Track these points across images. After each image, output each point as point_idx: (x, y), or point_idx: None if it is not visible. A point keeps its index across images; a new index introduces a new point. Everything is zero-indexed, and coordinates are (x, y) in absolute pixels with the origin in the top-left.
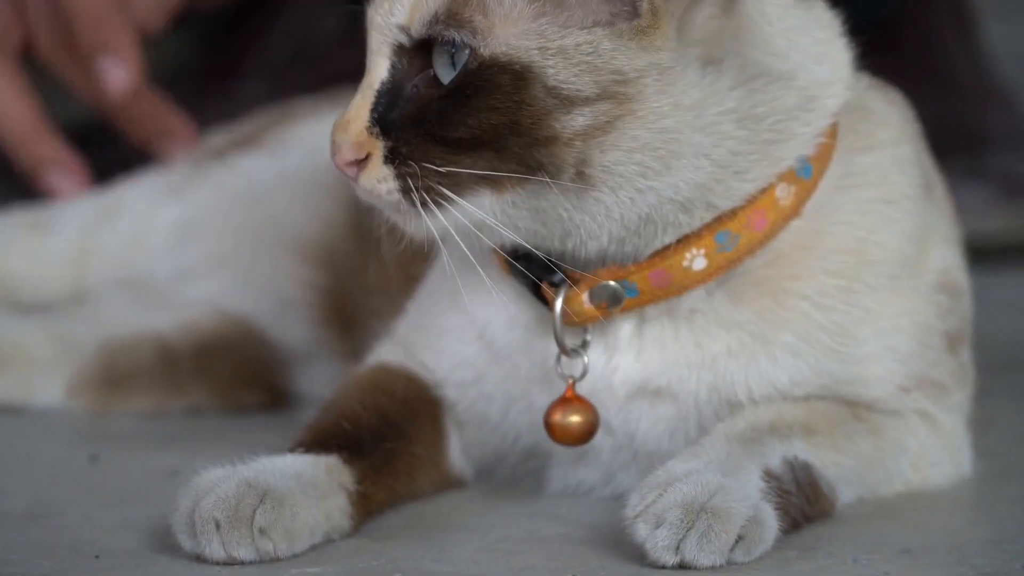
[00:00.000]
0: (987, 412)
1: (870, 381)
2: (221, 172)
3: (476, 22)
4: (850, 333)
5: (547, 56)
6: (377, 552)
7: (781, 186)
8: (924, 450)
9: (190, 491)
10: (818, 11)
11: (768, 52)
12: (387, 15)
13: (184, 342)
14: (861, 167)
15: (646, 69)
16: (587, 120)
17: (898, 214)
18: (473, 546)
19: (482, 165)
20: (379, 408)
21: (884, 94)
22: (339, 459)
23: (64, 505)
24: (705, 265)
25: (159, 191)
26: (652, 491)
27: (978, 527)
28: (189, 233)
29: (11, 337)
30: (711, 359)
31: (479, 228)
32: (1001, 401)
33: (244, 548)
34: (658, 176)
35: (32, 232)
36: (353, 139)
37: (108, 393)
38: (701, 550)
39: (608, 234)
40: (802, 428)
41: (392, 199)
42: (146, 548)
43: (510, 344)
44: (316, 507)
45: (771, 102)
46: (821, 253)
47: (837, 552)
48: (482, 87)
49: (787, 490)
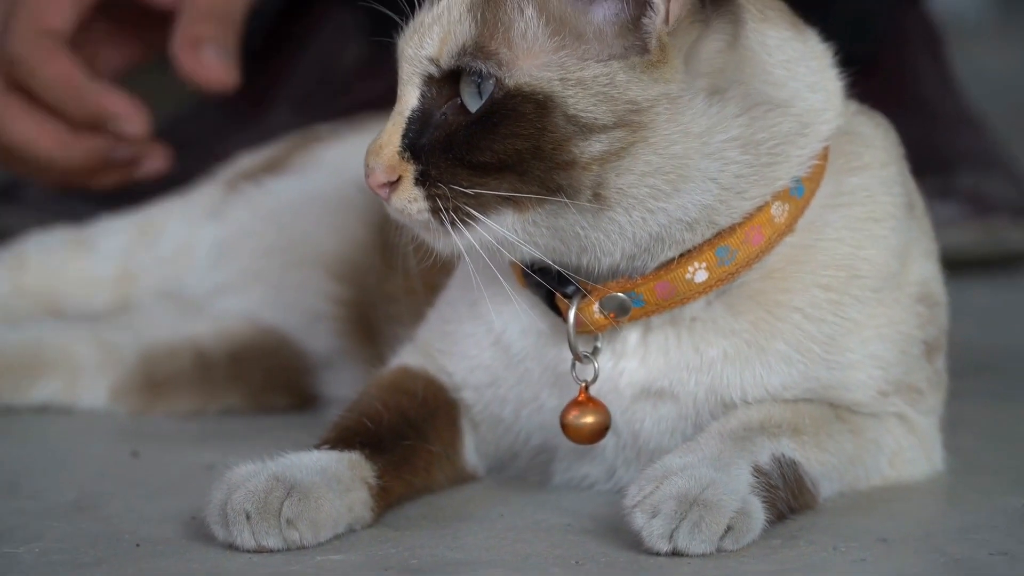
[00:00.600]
0: (957, 412)
1: (853, 386)
2: (254, 194)
3: (502, 54)
4: (838, 343)
5: (567, 87)
6: (396, 541)
7: (776, 204)
8: (900, 449)
9: (223, 485)
10: (812, 43)
11: (768, 82)
12: (417, 47)
13: (219, 350)
14: (850, 187)
15: (657, 99)
16: (603, 146)
17: (884, 231)
18: (483, 535)
19: (506, 187)
20: (400, 408)
21: (871, 119)
22: (361, 455)
23: (108, 498)
24: (706, 278)
25: (196, 213)
26: (649, 483)
27: (949, 517)
28: (225, 252)
29: (60, 344)
30: (709, 364)
31: (502, 244)
32: (970, 401)
33: (272, 537)
34: (668, 198)
35: (76, 250)
36: (386, 162)
37: (149, 396)
38: (692, 539)
39: (621, 251)
40: (790, 428)
41: (422, 218)
42: (183, 537)
43: (524, 350)
44: (339, 500)
45: (770, 128)
46: (813, 268)
47: (818, 540)
48: (507, 115)
49: (774, 485)
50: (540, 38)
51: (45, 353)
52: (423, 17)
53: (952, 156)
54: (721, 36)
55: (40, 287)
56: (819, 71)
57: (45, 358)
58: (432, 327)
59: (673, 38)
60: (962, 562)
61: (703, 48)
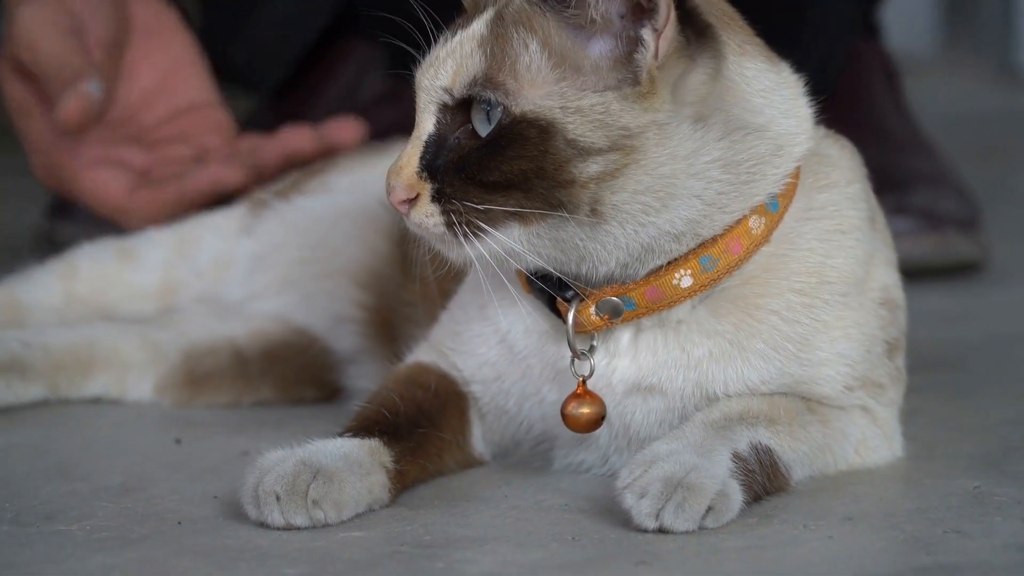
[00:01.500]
0: (915, 404)
1: (823, 381)
2: (285, 211)
3: (508, 85)
4: (810, 342)
5: (567, 114)
6: (410, 519)
7: (754, 218)
8: (865, 438)
9: (255, 469)
10: (785, 74)
11: (747, 109)
12: (433, 79)
13: (254, 348)
14: (819, 202)
15: (647, 126)
16: (599, 167)
17: (850, 242)
18: (489, 514)
19: (512, 203)
20: (415, 400)
21: (836, 142)
22: (380, 442)
23: (152, 481)
24: (691, 283)
25: (229, 229)
26: (639, 467)
27: (908, 499)
28: (260, 264)
29: (110, 343)
30: (696, 362)
31: (509, 254)
32: (925, 394)
33: (300, 516)
34: (658, 213)
35: (122, 261)
36: (405, 182)
37: (190, 390)
38: (677, 518)
39: (616, 260)
40: (766, 419)
41: (438, 231)
42: (220, 516)
43: (527, 348)
44: (360, 482)
45: (749, 150)
46: (787, 274)
47: (790, 520)
48: (514, 139)
49: (751, 469)
50: (543, 71)
51: (97, 351)
52: (438, 52)
53: (907, 176)
54: (704, 69)
55: (90, 295)
56: (792, 99)
57: (97, 356)
58: (444, 328)
59: (662, 72)
60: (919, 539)
61: (689, 80)
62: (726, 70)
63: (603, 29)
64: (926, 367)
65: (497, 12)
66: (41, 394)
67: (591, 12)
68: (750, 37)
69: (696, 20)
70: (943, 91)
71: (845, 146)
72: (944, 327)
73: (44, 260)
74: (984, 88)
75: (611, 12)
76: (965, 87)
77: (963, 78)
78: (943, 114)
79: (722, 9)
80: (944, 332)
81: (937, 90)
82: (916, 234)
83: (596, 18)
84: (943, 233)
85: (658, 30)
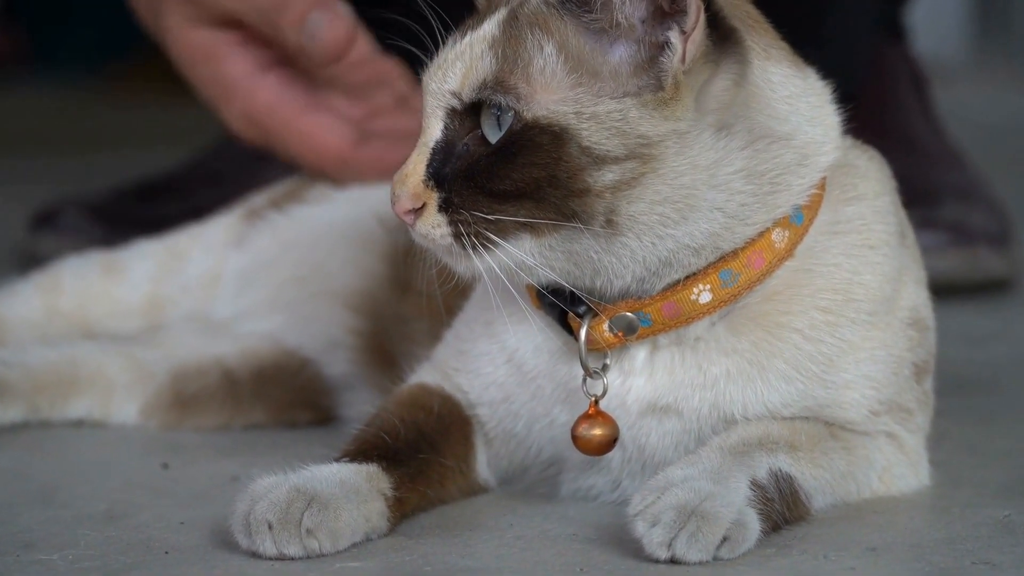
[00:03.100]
0: (940, 428)
1: (847, 405)
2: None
3: (520, 88)
4: (834, 363)
5: (582, 120)
6: (410, 549)
7: (777, 231)
8: (890, 465)
9: (246, 496)
10: (811, 80)
11: (772, 116)
12: (441, 82)
13: (245, 369)
14: (847, 216)
15: (667, 135)
16: (615, 176)
17: (879, 258)
18: (493, 543)
19: (524, 213)
20: (416, 423)
21: (864, 152)
22: (379, 468)
23: (138, 507)
24: (710, 299)
25: (218, 243)
26: (651, 494)
27: (934, 528)
28: (248, 282)
29: (94, 363)
30: (713, 381)
31: (520, 267)
32: (952, 418)
33: (293, 546)
34: (676, 225)
35: (108, 275)
36: (411, 191)
37: (178, 413)
38: (690, 548)
39: (632, 274)
40: (787, 444)
41: (445, 243)
42: (209, 545)
43: (537, 368)
44: (357, 510)
45: (773, 159)
46: (812, 291)
47: (810, 550)
48: (525, 145)
49: (770, 498)
50: (558, 75)
51: (80, 371)
52: (446, 54)
53: (935, 189)
54: (729, 75)
55: (73, 310)
56: (818, 106)
57: (80, 376)
58: (449, 347)
59: (687, 77)
60: (947, 571)
61: (712, 86)
62: (751, 75)
63: (626, 33)
64: (953, 389)
65: (511, 12)
66: (21, 416)
67: (616, 15)
68: (775, 41)
69: (721, 23)
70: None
71: (873, 156)
72: (972, 347)
73: (26, 275)
74: (1016, 96)
75: (635, 16)
76: (996, 94)
77: (994, 85)
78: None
79: (747, 11)
80: (972, 352)
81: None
82: (944, 249)
83: (621, 21)
84: (972, 248)
85: (686, 32)
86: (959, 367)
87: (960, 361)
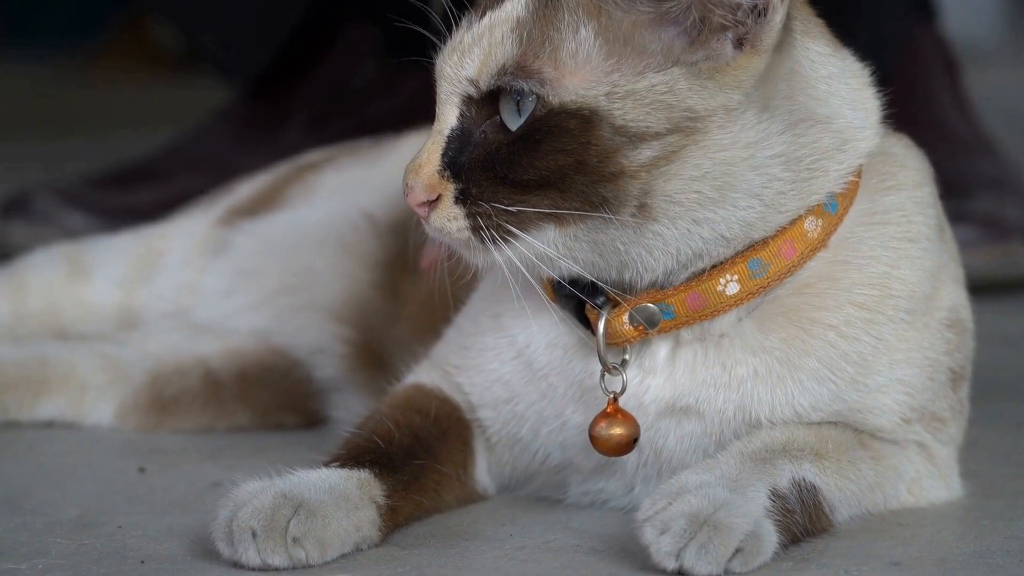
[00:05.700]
0: (971, 435)
1: (878, 411)
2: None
3: (545, 73)
4: (869, 364)
5: (614, 100)
6: (403, 560)
7: (810, 219)
8: (919, 477)
9: (229, 502)
10: (850, 61)
11: (812, 96)
12: (457, 67)
13: (228, 369)
14: (885, 206)
15: (716, 109)
16: (653, 152)
17: (918, 252)
18: (492, 555)
19: (547, 203)
20: (411, 427)
21: (900, 139)
22: (371, 474)
23: (112, 514)
24: (738, 290)
25: (194, 251)
26: (663, 499)
27: (963, 542)
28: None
29: (65, 361)
30: (738, 382)
31: (541, 260)
32: (983, 425)
33: (278, 556)
34: (714, 206)
35: (75, 279)
36: (425, 182)
37: (156, 414)
38: (699, 559)
39: (663, 267)
40: (812, 452)
41: (462, 236)
42: (188, 555)
43: (549, 364)
44: (347, 519)
45: (812, 144)
46: (847, 285)
47: (830, 564)
48: (550, 131)
49: (791, 509)
50: (592, 58)
51: (50, 370)
52: (462, 36)
53: (968, 180)
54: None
55: (43, 309)
56: (858, 89)
57: (50, 374)
58: (450, 342)
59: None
60: None
61: None
62: (793, 50)
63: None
64: (985, 394)
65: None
66: None
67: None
68: (813, 16)
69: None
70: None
71: (910, 145)
72: (1006, 349)
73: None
74: None
75: None
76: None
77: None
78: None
79: None
80: (1005, 354)
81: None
82: (977, 244)
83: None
84: (1007, 243)
85: None
86: (991, 370)
87: (992, 364)
